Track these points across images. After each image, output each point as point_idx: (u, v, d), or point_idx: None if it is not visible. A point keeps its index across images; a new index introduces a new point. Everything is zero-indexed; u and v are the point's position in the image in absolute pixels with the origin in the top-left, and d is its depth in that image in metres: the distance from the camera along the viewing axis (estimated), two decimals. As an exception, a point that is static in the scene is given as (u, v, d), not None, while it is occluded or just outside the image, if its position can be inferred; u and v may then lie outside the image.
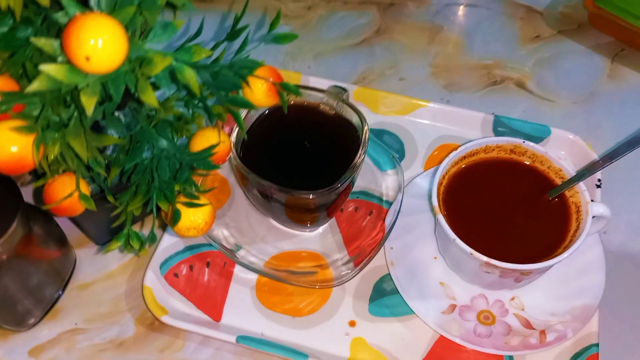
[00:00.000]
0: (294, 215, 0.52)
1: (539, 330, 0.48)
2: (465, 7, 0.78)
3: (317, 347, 0.49)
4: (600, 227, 0.50)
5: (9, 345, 0.50)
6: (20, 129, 0.30)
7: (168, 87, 0.32)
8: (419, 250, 0.53)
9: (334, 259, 0.53)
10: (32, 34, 0.34)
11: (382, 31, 0.75)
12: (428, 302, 0.50)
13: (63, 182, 0.37)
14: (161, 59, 0.30)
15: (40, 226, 0.48)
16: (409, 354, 0.49)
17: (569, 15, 0.77)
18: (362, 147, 0.49)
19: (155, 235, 0.39)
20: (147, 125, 0.38)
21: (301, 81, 0.64)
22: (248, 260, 0.52)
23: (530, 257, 0.45)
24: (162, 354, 0.49)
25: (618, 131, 0.63)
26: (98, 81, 0.29)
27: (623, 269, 0.54)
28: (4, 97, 0.30)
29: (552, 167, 0.50)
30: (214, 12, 0.76)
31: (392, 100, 0.63)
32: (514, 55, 0.72)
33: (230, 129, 0.51)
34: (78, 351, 0.49)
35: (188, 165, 0.38)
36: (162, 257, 0.53)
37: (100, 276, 0.54)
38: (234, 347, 0.49)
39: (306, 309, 0.51)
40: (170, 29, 0.32)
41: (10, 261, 0.45)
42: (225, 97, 0.38)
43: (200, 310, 0.51)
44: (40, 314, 0.50)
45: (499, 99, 0.67)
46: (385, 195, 0.56)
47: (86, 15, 0.27)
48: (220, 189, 0.58)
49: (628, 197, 0.58)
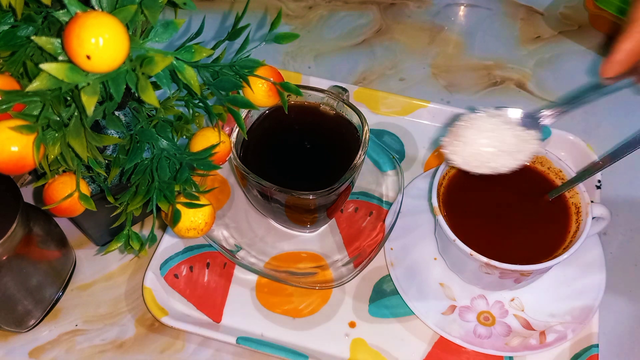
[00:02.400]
0: (294, 215, 0.52)
1: (539, 331, 0.48)
2: (465, 8, 0.78)
3: (317, 348, 0.49)
4: (600, 228, 0.50)
5: (9, 346, 0.49)
6: (21, 129, 0.30)
7: (168, 87, 0.32)
8: (419, 251, 0.53)
9: (334, 259, 0.53)
10: (33, 33, 0.34)
11: (383, 31, 0.75)
12: (428, 302, 0.50)
13: (63, 182, 0.37)
14: (162, 58, 0.30)
15: (40, 226, 0.48)
16: (409, 354, 0.49)
17: (569, 16, 0.77)
18: (362, 147, 0.49)
19: (155, 236, 0.39)
20: (148, 125, 0.38)
21: (301, 81, 0.64)
22: (248, 261, 0.52)
23: (530, 258, 0.45)
24: (162, 355, 0.49)
25: (618, 132, 0.63)
26: (99, 80, 0.29)
27: (623, 269, 0.54)
28: (5, 96, 0.30)
29: (552, 167, 0.50)
30: (215, 12, 0.76)
31: (392, 100, 0.63)
32: (515, 55, 0.72)
33: (230, 129, 0.51)
34: (78, 352, 0.49)
35: (188, 166, 0.38)
36: (162, 258, 0.53)
37: (100, 277, 0.54)
38: (234, 348, 0.49)
39: (306, 309, 0.51)
40: (171, 28, 0.32)
41: (10, 262, 0.44)
42: (226, 96, 0.38)
43: (200, 311, 0.51)
44: (40, 314, 0.50)
45: (499, 99, 0.67)
46: (385, 196, 0.56)
47: (87, 13, 0.27)
48: (220, 189, 0.58)
49: (628, 198, 0.58)
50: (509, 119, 0.44)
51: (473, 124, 0.43)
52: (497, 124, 0.43)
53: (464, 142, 0.43)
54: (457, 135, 0.44)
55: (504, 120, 0.43)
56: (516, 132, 0.43)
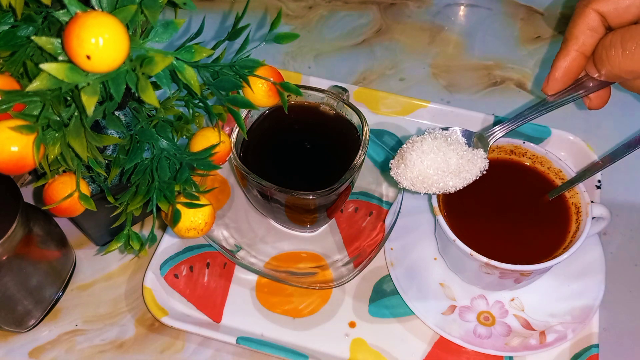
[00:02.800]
0: (294, 215, 0.52)
1: (539, 331, 0.48)
2: (465, 8, 0.78)
3: (317, 348, 0.49)
4: (600, 228, 0.50)
5: (9, 346, 0.49)
6: (21, 129, 0.30)
7: (168, 87, 0.32)
8: (419, 251, 0.53)
9: (334, 259, 0.53)
10: (33, 33, 0.33)
11: (383, 31, 0.75)
12: (428, 303, 0.50)
13: (63, 182, 0.37)
14: (162, 58, 0.30)
15: (40, 226, 0.48)
16: (408, 355, 0.49)
17: (569, 16, 0.76)
18: (363, 147, 0.49)
19: (155, 236, 0.39)
20: (148, 125, 0.38)
21: (301, 81, 0.64)
22: (248, 261, 0.52)
23: (530, 258, 0.45)
24: (162, 355, 0.49)
25: (618, 132, 0.63)
26: (99, 80, 0.29)
27: (623, 269, 0.54)
28: (5, 96, 0.30)
29: (552, 167, 0.50)
30: (215, 12, 0.76)
31: (392, 100, 0.63)
32: (515, 55, 0.72)
33: (230, 129, 0.51)
34: (78, 352, 0.49)
35: (188, 166, 0.38)
36: (162, 258, 0.53)
37: (100, 277, 0.54)
38: (234, 348, 0.49)
39: (306, 309, 0.51)
40: (171, 28, 0.32)
41: (10, 262, 0.44)
42: (226, 96, 0.38)
43: (200, 311, 0.51)
44: (40, 314, 0.50)
45: (499, 99, 0.67)
46: (385, 196, 0.56)
47: (87, 13, 0.27)
48: (220, 189, 0.58)
49: (628, 198, 0.58)
50: (454, 140, 0.45)
51: (417, 146, 0.44)
52: (441, 146, 0.44)
53: (409, 165, 0.44)
54: (403, 158, 0.45)
55: (448, 141, 0.44)
56: (461, 152, 0.44)
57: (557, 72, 0.42)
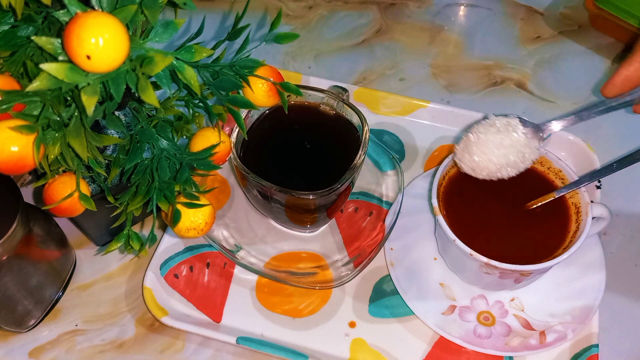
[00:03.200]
0: (294, 215, 0.52)
1: (539, 331, 0.48)
2: (465, 8, 0.78)
3: (317, 348, 0.49)
4: (600, 228, 0.50)
5: (9, 346, 0.49)
6: (21, 129, 0.30)
7: (168, 87, 0.32)
8: (419, 251, 0.53)
9: (334, 259, 0.53)
10: (33, 33, 0.34)
11: (383, 31, 0.75)
12: (428, 303, 0.50)
13: (63, 182, 0.37)
14: (162, 58, 0.30)
15: (40, 226, 0.48)
16: (408, 355, 0.49)
17: (569, 16, 0.77)
18: (362, 147, 0.49)
19: (155, 236, 0.39)
20: (148, 125, 0.38)
21: (301, 81, 0.64)
22: (248, 261, 0.52)
23: (530, 258, 0.45)
24: (162, 355, 0.49)
25: (618, 132, 0.63)
26: (99, 80, 0.29)
27: (623, 269, 0.54)
28: (5, 96, 0.30)
29: (552, 167, 0.50)
30: (215, 12, 0.76)
31: (392, 100, 0.63)
32: (515, 55, 0.72)
33: (230, 129, 0.51)
34: (78, 352, 0.49)
35: (188, 166, 0.38)
36: (162, 258, 0.53)
37: (100, 277, 0.54)
38: (234, 348, 0.49)
39: (306, 309, 0.51)
40: (171, 28, 0.32)
41: (10, 262, 0.44)
42: (226, 96, 0.38)
43: (200, 311, 0.51)
44: (40, 314, 0.50)
45: (499, 99, 0.67)
46: (385, 196, 0.56)
47: (87, 13, 0.27)
48: (220, 189, 0.58)
49: (628, 198, 0.58)
50: (517, 129, 0.47)
51: (482, 139, 0.47)
52: (504, 140, 0.46)
53: (473, 157, 0.47)
54: (470, 146, 0.47)
55: (510, 134, 0.47)
56: (520, 145, 0.47)
57: (617, 78, 0.44)
